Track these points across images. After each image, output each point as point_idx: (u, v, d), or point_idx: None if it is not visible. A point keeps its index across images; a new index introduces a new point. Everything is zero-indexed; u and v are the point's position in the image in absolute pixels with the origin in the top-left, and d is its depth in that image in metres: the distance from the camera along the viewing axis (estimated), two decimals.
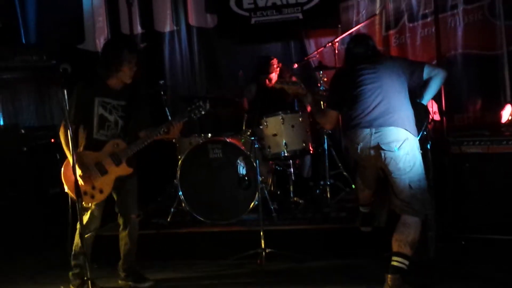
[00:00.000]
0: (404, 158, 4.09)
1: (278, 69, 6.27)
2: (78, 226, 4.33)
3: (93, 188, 4.37)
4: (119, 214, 4.67)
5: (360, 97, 4.22)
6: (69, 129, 3.97)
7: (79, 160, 4.24)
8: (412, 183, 4.11)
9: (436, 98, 5.78)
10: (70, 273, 4.59)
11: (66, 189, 4.40)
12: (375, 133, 4.13)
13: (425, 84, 4.32)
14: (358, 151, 4.24)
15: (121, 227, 4.68)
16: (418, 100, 4.34)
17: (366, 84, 4.22)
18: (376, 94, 4.17)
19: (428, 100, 4.39)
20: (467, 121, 6.75)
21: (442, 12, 6.67)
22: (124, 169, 4.47)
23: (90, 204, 4.45)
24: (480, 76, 6.67)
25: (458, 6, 6.68)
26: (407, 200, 4.11)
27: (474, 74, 6.70)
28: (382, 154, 4.12)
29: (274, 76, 6.30)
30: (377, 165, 4.26)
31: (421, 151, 4.22)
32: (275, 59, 6.33)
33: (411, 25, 6.93)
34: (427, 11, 6.83)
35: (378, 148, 4.13)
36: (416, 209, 4.11)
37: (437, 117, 5.90)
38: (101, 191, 4.40)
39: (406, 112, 4.18)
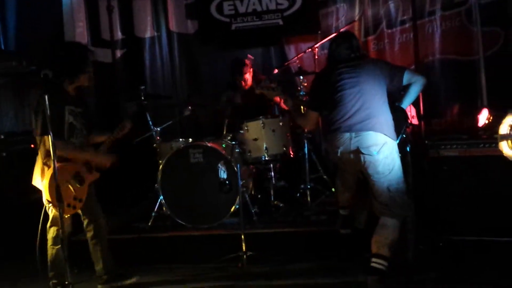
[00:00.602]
0: (383, 162, 4.15)
1: (252, 69, 6.29)
2: (50, 236, 4.39)
3: (75, 198, 4.38)
4: (87, 220, 4.65)
5: (340, 101, 4.26)
6: (49, 134, 3.94)
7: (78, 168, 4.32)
8: (391, 186, 4.17)
9: (414, 102, 5.81)
10: (50, 283, 4.53)
11: (48, 199, 4.29)
12: (355, 137, 4.18)
13: (404, 89, 4.38)
14: (338, 154, 4.29)
15: (92, 233, 4.65)
16: (397, 104, 4.40)
17: (346, 88, 4.27)
18: (356, 99, 4.22)
19: (407, 104, 4.45)
20: (445, 125, 6.84)
21: (420, 18, 6.77)
22: (95, 175, 4.55)
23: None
24: (457, 81, 6.79)
25: (436, 12, 6.80)
26: (386, 203, 4.17)
27: (452, 79, 6.81)
28: (362, 158, 4.18)
29: (248, 77, 6.35)
30: (356, 168, 4.32)
31: (400, 155, 4.28)
32: (247, 60, 6.36)
33: (389, 31, 7.02)
34: (405, 17, 6.92)
35: (357, 152, 4.19)
36: (395, 211, 4.17)
37: (415, 121, 5.99)
38: (80, 200, 4.43)
39: (385, 116, 4.23)
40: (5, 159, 5.99)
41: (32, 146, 6.05)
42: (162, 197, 5.69)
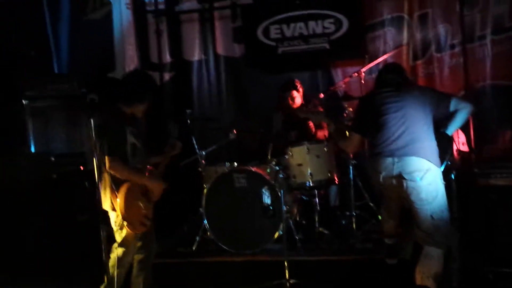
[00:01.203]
0: (426, 189, 4.07)
1: (301, 90, 6.28)
2: (114, 255, 4.38)
3: (145, 216, 4.38)
4: (140, 243, 4.53)
5: (384, 125, 4.23)
6: (95, 157, 4.00)
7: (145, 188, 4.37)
8: (434, 214, 4.09)
9: (465, 129, 5.76)
10: None
11: (123, 216, 4.27)
12: (397, 162, 4.14)
13: (451, 116, 4.31)
14: (381, 180, 4.25)
15: (141, 257, 4.56)
16: (442, 130, 4.33)
17: (390, 112, 4.24)
18: (400, 123, 4.19)
19: (453, 131, 4.38)
20: (496, 152, 6.66)
21: (470, 43, 6.68)
22: (158, 194, 4.56)
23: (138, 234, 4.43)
24: (509, 107, 6.61)
25: (487, 36, 6.67)
26: (429, 231, 4.09)
27: (504, 105, 6.64)
28: (404, 184, 4.12)
29: (296, 94, 6.38)
30: (399, 194, 4.25)
31: (444, 182, 4.19)
32: (297, 80, 6.40)
33: (438, 55, 6.92)
34: (454, 41, 6.82)
35: (400, 177, 4.13)
36: (438, 240, 4.08)
37: (465, 148, 5.85)
38: (149, 219, 4.42)
39: (429, 142, 4.17)
40: (55, 181, 6.11)
41: (82, 168, 6.23)
42: (206, 221, 5.71)
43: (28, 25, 7.38)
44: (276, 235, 5.47)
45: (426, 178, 4.09)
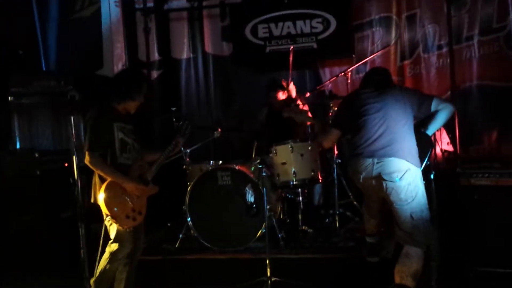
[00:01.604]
0: (406, 189, 4.08)
1: (286, 91, 6.29)
2: (109, 250, 4.38)
3: (133, 210, 4.36)
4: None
5: (364, 126, 4.25)
6: (74, 155, 3.99)
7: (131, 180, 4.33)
8: (414, 213, 4.09)
9: (450, 129, 5.77)
10: None
11: (106, 213, 4.28)
12: (377, 163, 4.14)
13: (431, 116, 4.33)
14: (361, 180, 4.25)
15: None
16: (423, 131, 4.34)
17: (370, 113, 4.26)
18: (379, 124, 4.20)
19: (433, 131, 4.41)
20: (482, 152, 6.69)
21: (457, 43, 6.70)
22: (152, 189, 4.55)
23: (127, 229, 4.39)
24: (495, 107, 6.64)
25: (474, 37, 6.69)
26: (409, 231, 4.10)
27: (490, 105, 6.67)
28: (384, 184, 4.12)
29: (281, 95, 6.40)
30: (379, 195, 4.26)
31: (424, 182, 4.19)
32: (283, 80, 6.40)
33: (426, 55, 6.94)
34: (442, 42, 6.85)
35: (379, 178, 4.14)
36: (418, 240, 4.08)
37: (449, 148, 5.87)
38: (140, 213, 4.42)
39: (408, 143, 4.18)
40: (39, 178, 6.11)
41: (66, 164, 6.23)
42: (189, 219, 5.70)
43: (17, 23, 7.39)
44: (259, 233, 5.46)
45: (405, 178, 4.10)
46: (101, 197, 4.27)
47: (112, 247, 4.41)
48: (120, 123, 4.42)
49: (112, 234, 4.41)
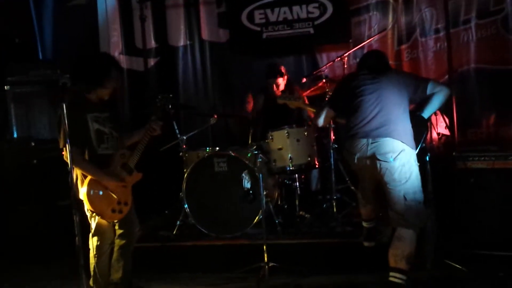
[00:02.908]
0: (399, 169, 4.08)
1: (286, 77, 6.24)
2: (93, 245, 4.36)
3: (119, 203, 4.33)
4: (122, 231, 4.50)
5: (359, 107, 4.26)
6: (67, 143, 3.96)
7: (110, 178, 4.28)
8: (407, 194, 4.10)
9: (448, 112, 5.76)
10: None
11: (89, 209, 4.26)
12: (371, 143, 4.14)
13: (427, 99, 4.32)
14: (355, 161, 4.26)
15: (124, 242, 4.50)
16: (418, 114, 4.33)
17: (365, 94, 4.27)
18: (374, 105, 4.21)
19: (429, 114, 4.41)
20: (480, 136, 6.66)
21: (455, 27, 6.64)
22: (136, 176, 4.49)
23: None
24: (493, 91, 6.60)
25: (471, 20, 6.64)
26: (401, 212, 4.10)
27: (487, 89, 6.63)
28: (378, 165, 4.13)
29: (281, 81, 6.36)
30: (373, 176, 4.25)
31: (418, 164, 4.18)
32: (282, 66, 6.36)
33: (423, 39, 6.89)
34: (439, 25, 6.78)
35: (374, 158, 4.14)
36: (411, 221, 4.09)
37: (446, 132, 5.86)
38: (125, 204, 4.38)
39: (403, 124, 4.18)
40: (36, 167, 6.12)
41: (63, 153, 6.23)
42: (186, 205, 5.71)
43: (13, 11, 7.37)
44: (256, 219, 5.46)
45: (400, 159, 4.09)
46: (83, 192, 4.22)
47: (94, 241, 4.39)
48: (94, 113, 4.32)
49: (93, 226, 4.40)
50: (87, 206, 4.25)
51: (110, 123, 4.43)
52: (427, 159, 4.47)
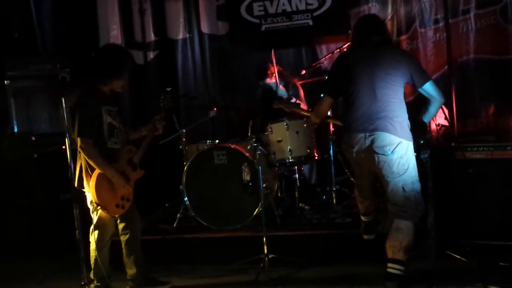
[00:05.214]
0: (397, 162, 4.07)
1: (276, 74, 6.24)
2: (93, 238, 4.40)
3: (123, 198, 4.36)
4: (124, 224, 4.56)
5: (355, 100, 4.20)
6: (66, 137, 4.00)
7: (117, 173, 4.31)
8: (405, 185, 4.09)
9: (447, 103, 5.75)
10: (92, 286, 4.48)
11: (96, 202, 4.28)
12: (369, 136, 4.12)
13: (425, 105, 4.25)
14: (353, 154, 4.25)
15: (127, 237, 4.56)
16: (420, 119, 4.28)
17: (360, 81, 4.17)
18: (371, 96, 4.14)
19: (428, 120, 4.39)
20: (480, 126, 6.64)
21: (454, 17, 6.61)
22: (139, 173, 4.54)
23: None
24: (493, 81, 6.58)
25: (470, 11, 6.60)
26: (400, 203, 4.10)
27: (487, 79, 6.60)
28: (376, 158, 4.11)
29: (270, 80, 6.38)
30: (371, 169, 4.25)
31: (415, 153, 4.18)
32: (271, 65, 6.27)
33: (422, 30, 6.87)
34: (438, 16, 6.75)
35: (372, 151, 4.12)
36: (410, 212, 4.09)
37: (445, 122, 5.86)
38: (128, 200, 4.41)
39: (399, 116, 4.14)
40: (37, 161, 6.14)
41: (64, 147, 6.24)
42: (186, 198, 5.73)
43: (11, 5, 7.37)
44: (256, 211, 5.49)
45: (397, 151, 4.07)
46: (91, 185, 4.25)
47: (95, 234, 4.42)
48: (108, 106, 4.36)
49: (94, 220, 4.43)
50: (93, 199, 4.28)
51: (120, 117, 4.48)
52: (427, 156, 4.41)
